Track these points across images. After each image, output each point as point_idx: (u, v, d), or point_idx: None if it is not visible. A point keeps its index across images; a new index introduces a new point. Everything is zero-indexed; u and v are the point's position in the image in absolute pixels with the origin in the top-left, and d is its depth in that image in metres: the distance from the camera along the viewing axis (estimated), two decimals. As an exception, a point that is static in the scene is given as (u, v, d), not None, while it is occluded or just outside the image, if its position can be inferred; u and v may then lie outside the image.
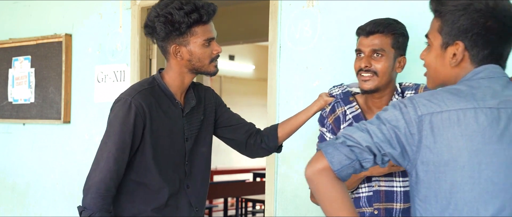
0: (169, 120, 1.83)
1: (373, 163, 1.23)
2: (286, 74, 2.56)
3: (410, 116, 1.19)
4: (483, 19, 1.21)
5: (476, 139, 1.16)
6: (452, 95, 1.20)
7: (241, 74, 9.23)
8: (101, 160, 1.76)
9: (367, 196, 1.81)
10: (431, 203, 1.20)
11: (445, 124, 1.17)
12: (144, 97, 1.78)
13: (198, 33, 1.78)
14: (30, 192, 3.66)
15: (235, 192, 6.57)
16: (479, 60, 1.24)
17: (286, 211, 2.55)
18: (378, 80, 1.77)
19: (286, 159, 2.56)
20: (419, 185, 1.22)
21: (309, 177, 1.25)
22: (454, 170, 1.17)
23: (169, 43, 1.80)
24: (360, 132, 1.22)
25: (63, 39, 3.43)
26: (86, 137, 3.38)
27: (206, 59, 1.82)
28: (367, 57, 1.78)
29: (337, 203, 1.23)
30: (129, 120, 1.75)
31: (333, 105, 1.91)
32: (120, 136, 1.75)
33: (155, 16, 1.77)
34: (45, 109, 3.55)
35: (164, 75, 1.87)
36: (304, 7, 2.51)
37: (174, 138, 1.85)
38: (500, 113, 1.18)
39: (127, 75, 3.17)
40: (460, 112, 1.17)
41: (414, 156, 1.20)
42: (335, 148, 1.23)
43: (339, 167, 1.22)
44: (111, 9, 3.27)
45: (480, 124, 1.16)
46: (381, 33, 1.76)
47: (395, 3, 2.25)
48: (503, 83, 1.23)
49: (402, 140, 1.20)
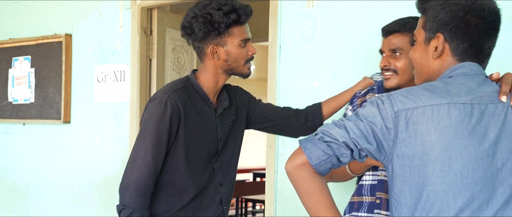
0: (202, 120, 1.85)
1: (351, 157, 1.28)
2: (286, 74, 2.56)
3: (387, 111, 1.24)
4: (462, 12, 1.26)
5: (448, 134, 1.20)
6: (427, 92, 1.24)
7: (241, 74, 9.22)
8: (138, 158, 1.75)
9: (370, 185, 1.83)
10: (406, 195, 1.24)
11: (420, 119, 1.21)
12: (179, 96, 1.79)
13: (235, 33, 1.82)
14: (30, 192, 3.66)
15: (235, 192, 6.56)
16: (460, 53, 1.29)
17: (286, 211, 2.55)
18: (399, 78, 1.81)
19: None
20: (394, 179, 1.26)
21: (289, 172, 1.31)
22: (426, 163, 1.21)
23: (207, 44, 1.82)
24: (338, 128, 1.27)
25: (63, 39, 3.43)
26: (86, 137, 3.38)
27: (242, 59, 1.85)
28: (386, 57, 1.83)
29: (316, 197, 1.29)
30: (165, 118, 1.75)
31: (368, 90, 2.00)
32: (157, 134, 1.75)
33: (193, 16, 1.79)
34: (45, 109, 3.55)
35: (198, 76, 1.88)
36: (304, 7, 2.51)
37: (207, 137, 1.86)
38: (474, 108, 1.22)
39: (127, 75, 3.17)
40: (434, 107, 1.22)
41: (390, 150, 1.24)
42: (313, 144, 1.28)
43: (317, 162, 1.28)
44: (111, 9, 3.27)
45: (453, 119, 1.20)
46: (398, 33, 1.81)
47: (396, 3, 2.25)
48: (479, 81, 1.27)
49: (378, 135, 1.24)
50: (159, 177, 1.81)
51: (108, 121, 3.28)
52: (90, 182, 3.34)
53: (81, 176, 3.40)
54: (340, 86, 2.40)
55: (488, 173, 1.21)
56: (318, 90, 2.46)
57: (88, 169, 3.37)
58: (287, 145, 2.56)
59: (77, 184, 3.40)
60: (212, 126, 1.88)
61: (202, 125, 1.85)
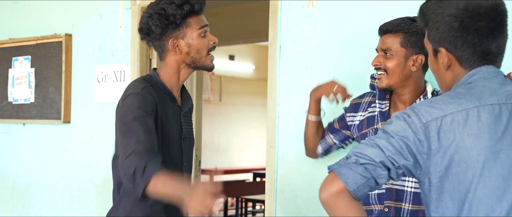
0: (169, 117, 1.83)
1: (388, 178, 1.21)
2: (286, 74, 2.56)
3: (416, 124, 1.20)
4: (457, 22, 1.24)
5: (482, 137, 1.17)
6: (452, 98, 1.22)
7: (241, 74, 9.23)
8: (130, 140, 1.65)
9: (377, 194, 1.82)
10: (448, 206, 1.20)
11: (451, 127, 1.18)
12: (150, 91, 1.77)
13: (192, 24, 1.81)
14: (30, 192, 3.66)
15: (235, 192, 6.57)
16: (466, 60, 1.27)
17: (286, 211, 2.55)
18: (389, 78, 1.81)
19: (286, 159, 2.56)
20: (432, 192, 1.22)
21: (325, 201, 1.21)
22: (465, 170, 1.18)
23: (167, 39, 1.82)
24: (371, 148, 1.21)
25: (63, 39, 3.43)
26: (86, 137, 3.38)
27: (203, 49, 1.83)
28: (378, 56, 1.84)
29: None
30: (146, 105, 1.71)
31: (365, 93, 2.01)
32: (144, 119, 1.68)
33: (148, 16, 1.79)
34: (45, 108, 3.55)
35: (160, 73, 1.87)
36: (304, 7, 2.51)
37: (172, 135, 1.84)
38: (502, 108, 1.20)
39: (127, 75, 3.17)
40: (463, 112, 1.19)
41: (425, 163, 1.21)
42: (349, 168, 1.20)
43: (355, 187, 1.19)
44: (111, 9, 3.27)
45: (484, 122, 1.18)
46: (391, 33, 1.82)
47: (396, 3, 2.25)
48: (500, 81, 1.25)
49: (412, 150, 1.20)
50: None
51: (108, 121, 3.28)
52: (90, 182, 3.34)
53: (81, 176, 3.40)
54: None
55: None
56: (318, 90, 2.46)
57: (88, 169, 3.37)
58: (288, 145, 2.56)
59: (77, 184, 3.40)
60: (177, 124, 1.87)
61: (169, 122, 1.83)
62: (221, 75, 8.88)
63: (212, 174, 7.80)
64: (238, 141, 9.18)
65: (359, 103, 2.00)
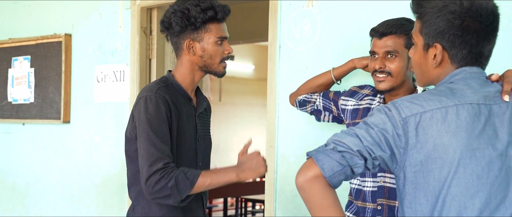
0: (184, 118, 1.86)
1: (364, 168, 1.23)
2: (285, 74, 2.56)
3: (396, 118, 1.22)
4: (458, 21, 1.23)
5: (460, 135, 1.19)
6: (432, 96, 1.23)
7: (241, 74, 9.23)
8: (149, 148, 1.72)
9: (371, 191, 1.82)
10: (421, 202, 1.22)
11: (429, 123, 1.20)
12: (164, 93, 1.80)
13: (212, 30, 1.85)
14: (30, 192, 3.66)
15: (234, 192, 6.57)
16: (459, 60, 1.27)
17: (286, 211, 2.55)
18: (393, 81, 1.80)
19: (286, 158, 2.56)
20: (407, 187, 1.24)
21: (300, 185, 1.23)
22: (441, 166, 1.19)
23: (183, 38, 1.85)
24: (350, 137, 1.23)
25: (62, 39, 3.43)
26: (86, 137, 3.38)
27: (217, 57, 1.87)
28: (381, 59, 1.81)
29: (330, 210, 1.23)
30: (160, 111, 1.75)
31: (366, 85, 2.01)
32: (158, 129, 1.73)
33: (172, 12, 1.84)
34: (44, 108, 3.55)
35: (175, 74, 1.91)
36: (304, 7, 2.51)
37: (187, 136, 1.86)
38: (481, 108, 1.21)
39: (127, 75, 3.17)
40: (442, 109, 1.20)
41: (401, 158, 1.22)
42: (326, 155, 1.22)
43: (331, 174, 1.21)
44: (111, 9, 3.27)
45: (463, 120, 1.20)
46: (394, 35, 1.79)
47: (395, 3, 2.25)
48: (480, 82, 1.26)
49: (390, 143, 1.22)
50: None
51: (108, 121, 3.28)
52: (90, 182, 3.34)
53: (81, 176, 3.40)
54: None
55: (502, 173, 1.20)
56: (318, 90, 2.46)
57: (88, 169, 3.37)
58: (287, 145, 2.56)
59: (77, 184, 3.40)
60: (192, 125, 1.89)
61: (184, 122, 1.85)
62: (221, 75, 8.87)
63: (212, 174, 7.78)
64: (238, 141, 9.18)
65: (356, 91, 2.00)
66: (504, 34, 1.97)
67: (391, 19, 1.83)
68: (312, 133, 2.47)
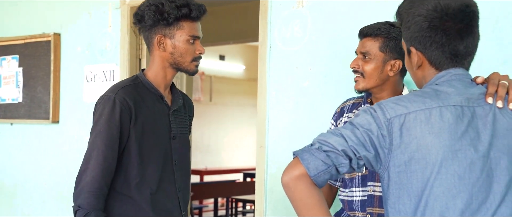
0: (154, 116, 1.83)
1: (349, 167, 1.24)
2: (276, 75, 2.56)
3: (380, 119, 1.23)
4: (426, 23, 1.27)
5: (443, 136, 1.21)
6: (417, 97, 1.25)
7: (231, 74, 9.22)
8: (90, 159, 1.74)
9: (361, 200, 1.82)
10: (405, 202, 1.23)
11: (413, 124, 1.22)
12: (127, 93, 1.78)
13: (184, 28, 1.82)
14: (18, 192, 3.63)
15: (225, 192, 6.56)
16: (434, 60, 1.30)
17: (276, 211, 2.55)
18: (365, 82, 1.82)
19: (276, 159, 2.56)
20: (390, 187, 1.25)
21: (286, 184, 1.25)
22: (424, 167, 1.21)
23: (155, 33, 1.83)
24: (335, 137, 1.24)
25: (51, 38, 3.41)
26: (75, 137, 3.36)
27: (188, 56, 1.84)
28: (356, 59, 1.85)
29: (315, 210, 1.24)
30: (115, 115, 1.74)
31: (348, 98, 2.02)
32: (108, 132, 1.74)
33: (147, 5, 1.82)
34: (33, 108, 3.52)
35: (147, 73, 1.88)
36: (294, 8, 2.51)
37: (159, 134, 1.84)
38: (464, 110, 1.23)
39: (117, 75, 3.16)
40: (426, 111, 1.22)
41: (385, 158, 1.24)
42: (311, 154, 1.24)
43: (316, 173, 1.23)
44: (101, 8, 3.26)
45: (446, 121, 1.21)
46: (370, 37, 1.82)
47: (385, 3, 2.25)
48: (465, 84, 1.28)
49: (375, 143, 1.23)
50: (114, 177, 1.78)
51: (97, 121, 3.26)
52: (79, 183, 3.32)
53: (70, 176, 3.37)
54: (330, 86, 2.40)
55: (484, 174, 1.21)
56: (308, 90, 2.47)
57: (77, 169, 3.33)
58: (278, 145, 2.56)
59: (66, 184, 3.38)
60: (165, 123, 1.87)
61: (155, 121, 1.83)
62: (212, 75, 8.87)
63: (203, 174, 7.79)
64: (228, 141, 9.18)
65: (343, 107, 2.00)
66: (491, 34, 1.99)
67: (375, 22, 1.85)
68: (302, 133, 2.47)
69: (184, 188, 1.93)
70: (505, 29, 1.98)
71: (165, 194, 1.84)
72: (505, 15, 1.98)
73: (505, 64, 1.97)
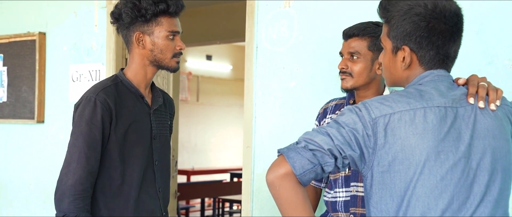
0: (135, 116, 1.81)
1: (334, 166, 1.24)
2: (263, 75, 2.56)
3: (366, 118, 1.23)
4: (424, 22, 1.26)
5: (426, 137, 1.21)
6: (401, 97, 1.25)
7: (218, 74, 9.21)
8: (72, 161, 1.71)
9: (344, 201, 1.83)
10: (387, 202, 1.24)
11: (398, 124, 1.22)
12: (108, 94, 1.76)
13: (163, 23, 1.79)
14: (2, 192, 3.59)
15: (212, 192, 6.56)
16: (427, 61, 1.30)
17: (263, 211, 2.55)
18: (353, 81, 1.84)
19: (263, 159, 2.56)
20: (374, 187, 1.26)
21: (271, 182, 1.24)
22: (407, 167, 1.21)
23: (133, 31, 1.81)
24: (321, 135, 1.24)
25: (36, 37, 3.37)
26: (61, 137, 3.33)
27: (168, 52, 1.81)
28: (344, 60, 1.86)
29: (299, 208, 1.23)
30: (96, 116, 1.72)
31: (331, 99, 2.03)
32: (89, 134, 1.71)
33: (124, 3, 1.79)
34: (18, 108, 3.48)
35: (126, 72, 1.86)
36: (280, 8, 2.52)
37: (140, 135, 1.82)
38: (447, 111, 1.24)
39: (103, 75, 3.14)
40: (411, 111, 1.23)
41: (370, 158, 1.24)
42: (297, 153, 1.23)
43: (302, 172, 1.22)
44: (86, 7, 3.23)
45: (430, 123, 1.22)
46: (357, 37, 1.84)
47: (371, 3, 2.27)
48: (447, 85, 1.29)
49: (360, 143, 1.23)
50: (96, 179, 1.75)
51: (83, 120, 3.24)
52: (65, 183, 3.29)
53: (55, 176, 3.33)
54: (316, 86, 2.41)
55: (465, 174, 1.23)
56: (295, 90, 2.48)
57: (62, 169, 3.32)
58: (264, 145, 2.56)
59: (51, 184, 3.34)
60: (146, 123, 1.84)
61: (135, 121, 1.80)
62: (199, 75, 8.85)
63: (189, 174, 7.77)
64: (216, 141, 9.16)
65: (326, 108, 2.02)
66: (475, 37, 2.02)
67: (359, 23, 1.87)
68: (289, 133, 2.48)
69: (165, 188, 1.91)
70: (490, 31, 2.01)
71: (147, 195, 1.83)
72: (490, 16, 2.00)
73: (490, 65, 2.00)
